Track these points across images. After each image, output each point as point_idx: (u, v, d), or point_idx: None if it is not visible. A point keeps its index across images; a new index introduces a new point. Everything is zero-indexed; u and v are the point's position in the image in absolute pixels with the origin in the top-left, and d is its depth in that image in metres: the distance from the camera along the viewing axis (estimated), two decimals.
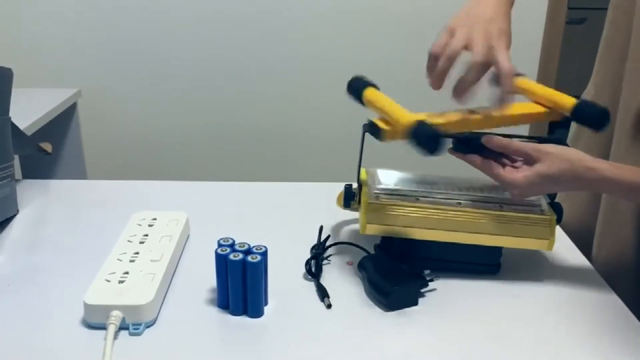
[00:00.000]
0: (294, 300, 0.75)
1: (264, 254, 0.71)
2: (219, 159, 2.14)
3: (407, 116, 0.71)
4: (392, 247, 0.80)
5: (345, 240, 0.87)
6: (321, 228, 0.88)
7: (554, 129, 0.80)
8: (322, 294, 0.75)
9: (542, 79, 2.06)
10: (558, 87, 0.78)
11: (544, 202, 0.80)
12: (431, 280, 0.75)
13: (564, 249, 0.88)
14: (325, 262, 0.82)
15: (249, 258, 0.69)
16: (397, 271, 0.76)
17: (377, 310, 0.73)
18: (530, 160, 0.71)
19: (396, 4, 1.97)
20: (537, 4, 1.99)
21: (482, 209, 0.77)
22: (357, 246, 0.84)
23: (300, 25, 1.99)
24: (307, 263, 0.80)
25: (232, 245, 0.72)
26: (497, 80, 0.72)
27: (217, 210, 0.99)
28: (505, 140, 0.73)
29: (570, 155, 0.70)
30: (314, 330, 0.69)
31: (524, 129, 2.02)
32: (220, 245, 0.72)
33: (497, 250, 0.80)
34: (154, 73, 2.04)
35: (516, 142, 0.73)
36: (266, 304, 0.73)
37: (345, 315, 0.72)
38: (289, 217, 0.97)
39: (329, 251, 0.85)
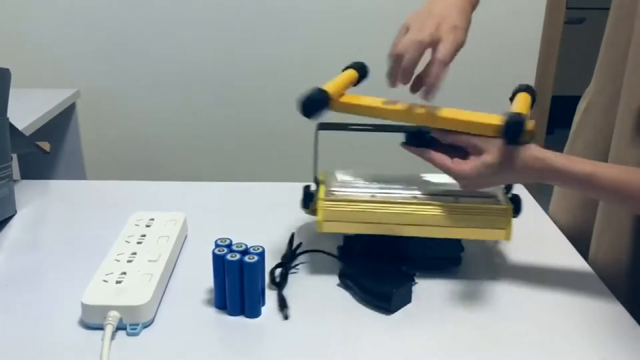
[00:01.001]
0: (292, 300, 0.75)
1: (261, 254, 0.71)
2: (217, 160, 2.14)
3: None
4: (356, 246, 0.81)
5: (318, 247, 0.85)
6: (292, 235, 0.87)
7: None
8: (281, 304, 0.73)
9: (540, 78, 2.06)
10: (557, 87, 0.78)
11: (500, 193, 0.80)
12: (414, 275, 0.76)
13: (561, 250, 0.88)
14: (292, 270, 0.80)
15: (246, 258, 0.69)
16: (385, 273, 0.76)
17: (372, 312, 0.73)
18: (477, 151, 0.71)
19: (396, 4, 1.96)
20: (535, 4, 1.99)
21: (438, 202, 0.78)
22: (328, 254, 0.83)
23: (301, 25, 1.99)
24: (272, 273, 0.78)
25: (229, 246, 0.72)
26: (426, 70, 0.71)
27: (214, 210, 0.99)
28: (454, 132, 0.73)
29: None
30: (311, 330, 0.69)
31: None
32: (217, 245, 0.72)
33: (457, 244, 0.80)
34: (153, 73, 2.04)
35: (464, 134, 0.73)
36: (263, 304, 0.73)
37: (342, 316, 0.72)
38: (286, 217, 0.96)
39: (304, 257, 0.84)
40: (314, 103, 0.73)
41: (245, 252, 0.71)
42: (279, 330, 0.69)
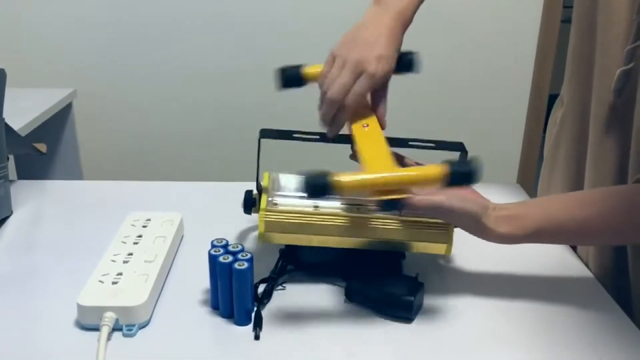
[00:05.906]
0: (286, 303, 0.75)
1: (250, 261, 0.69)
2: (214, 160, 2.13)
3: (430, 168, 0.68)
4: (297, 252, 0.79)
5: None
6: (281, 251, 0.82)
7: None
8: (256, 323, 0.70)
9: (537, 77, 2.06)
10: (553, 86, 0.78)
11: None
12: (417, 276, 0.75)
13: (559, 253, 0.88)
14: (279, 288, 0.78)
15: (236, 265, 0.68)
16: (393, 282, 0.74)
17: (390, 322, 0.72)
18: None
19: None
20: (532, 3, 1.99)
21: (381, 214, 0.75)
22: (322, 271, 0.80)
23: (298, 29, 1.99)
24: (256, 287, 0.75)
25: (225, 246, 0.72)
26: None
27: (211, 211, 0.99)
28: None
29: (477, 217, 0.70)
30: (308, 334, 0.69)
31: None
32: (213, 246, 0.72)
33: (398, 257, 0.79)
34: (150, 73, 2.04)
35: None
36: (254, 309, 0.72)
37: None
38: None
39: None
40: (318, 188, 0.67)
41: (241, 253, 0.70)
42: (275, 333, 0.69)
